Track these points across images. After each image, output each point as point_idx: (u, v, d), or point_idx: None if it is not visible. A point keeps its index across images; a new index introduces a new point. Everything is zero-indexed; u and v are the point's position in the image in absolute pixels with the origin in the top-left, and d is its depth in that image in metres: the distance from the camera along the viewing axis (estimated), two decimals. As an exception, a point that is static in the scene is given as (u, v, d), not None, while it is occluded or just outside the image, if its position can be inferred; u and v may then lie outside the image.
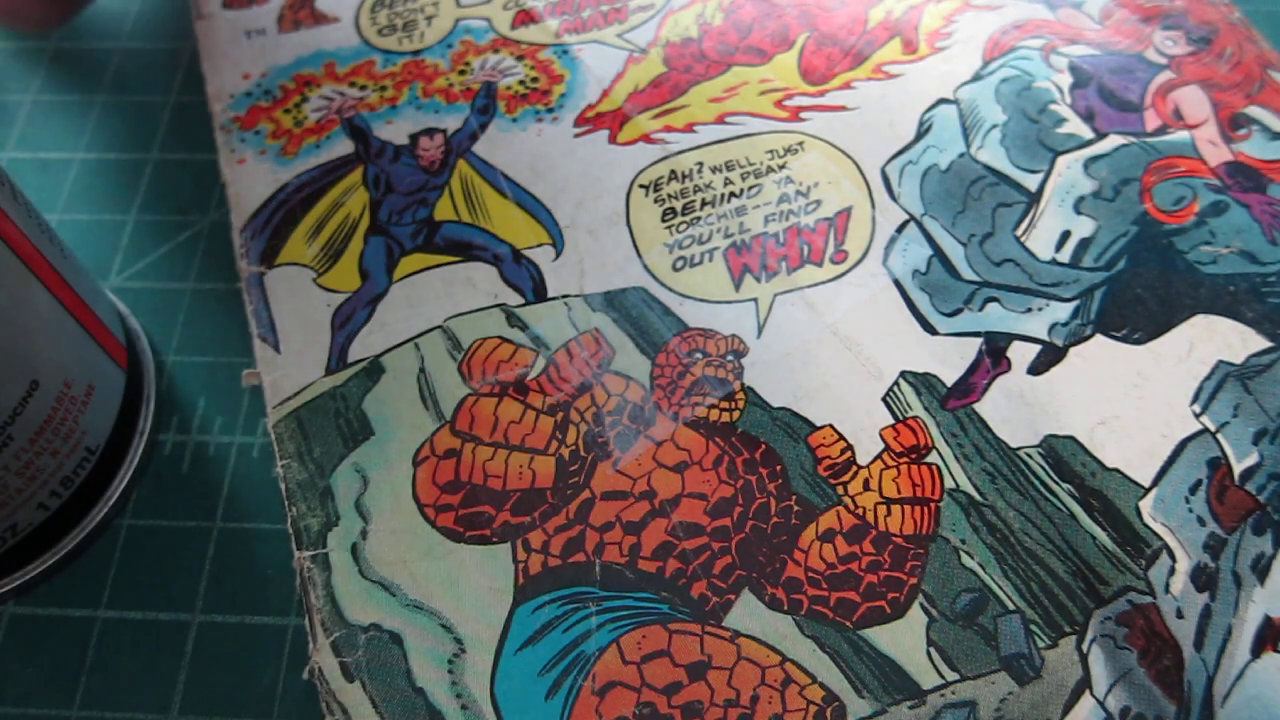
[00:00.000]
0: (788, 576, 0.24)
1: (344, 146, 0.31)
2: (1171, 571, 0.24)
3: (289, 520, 0.25)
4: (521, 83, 0.33)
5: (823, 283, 0.28)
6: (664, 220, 0.29)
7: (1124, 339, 0.27)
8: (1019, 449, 0.25)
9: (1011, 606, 0.23)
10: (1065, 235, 0.29)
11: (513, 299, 0.28)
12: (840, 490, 0.25)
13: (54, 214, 0.33)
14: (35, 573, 0.26)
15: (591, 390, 0.26)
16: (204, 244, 0.32)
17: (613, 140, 0.31)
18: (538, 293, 0.28)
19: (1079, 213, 0.29)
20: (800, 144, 0.31)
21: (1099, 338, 0.27)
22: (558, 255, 0.29)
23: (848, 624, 0.23)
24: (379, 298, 0.28)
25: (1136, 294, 0.28)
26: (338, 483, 0.25)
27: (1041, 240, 0.29)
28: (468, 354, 0.27)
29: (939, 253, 0.29)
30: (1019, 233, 0.29)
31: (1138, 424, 0.26)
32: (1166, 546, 0.24)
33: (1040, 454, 0.25)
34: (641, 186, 0.30)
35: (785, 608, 0.23)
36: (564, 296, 0.28)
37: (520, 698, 0.22)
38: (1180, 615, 0.23)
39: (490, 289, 0.28)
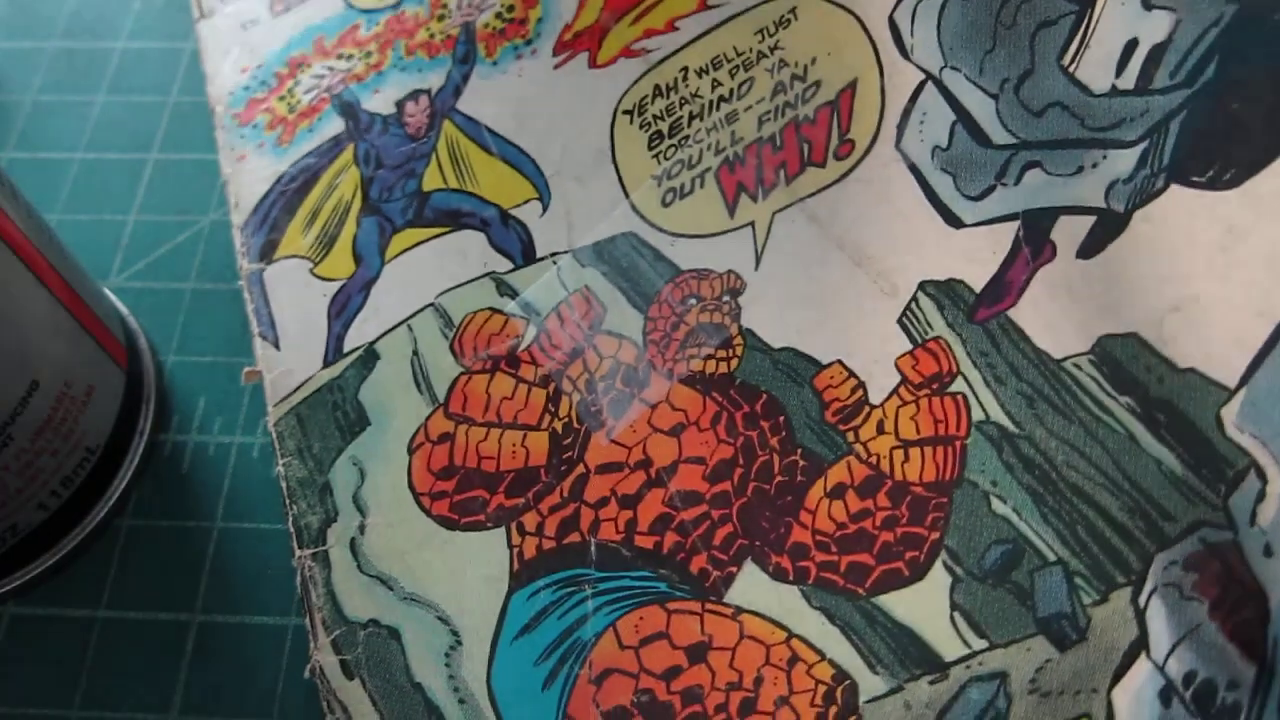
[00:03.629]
0: (794, 542, 0.21)
1: (334, 126, 0.30)
2: (1260, 496, 0.19)
3: (290, 519, 0.24)
4: (499, 15, 0.30)
5: (827, 187, 0.25)
6: (650, 148, 0.27)
7: (1210, 184, 0.21)
8: (1064, 360, 0.21)
9: (1052, 557, 0.20)
10: (1131, 47, 0.22)
11: (502, 265, 0.27)
12: (851, 437, 0.22)
13: (54, 214, 0.33)
14: (35, 573, 0.26)
15: (584, 355, 0.25)
16: (204, 244, 0.32)
17: (593, 63, 0.28)
18: (526, 255, 0.27)
19: (1149, 7, 0.22)
20: (793, 10, 0.27)
21: (1174, 189, 0.21)
22: (544, 210, 0.27)
23: (860, 591, 0.21)
24: (372, 281, 0.27)
25: (1231, 112, 0.21)
26: (336, 477, 0.25)
27: (1097, 65, 0.23)
28: (459, 331, 0.26)
29: (964, 116, 0.24)
30: (1066, 61, 0.23)
31: (1225, 302, 0.20)
32: (1255, 464, 0.19)
33: (1092, 363, 0.21)
34: (625, 113, 0.27)
35: (791, 577, 0.21)
36: (553, 255, 0.26)
37: (517, 689, 0.22)
38: (1268, 553, 0.18)
39: (480, 257, 0.27)
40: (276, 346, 0.27)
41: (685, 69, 0.27)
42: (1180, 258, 0.21)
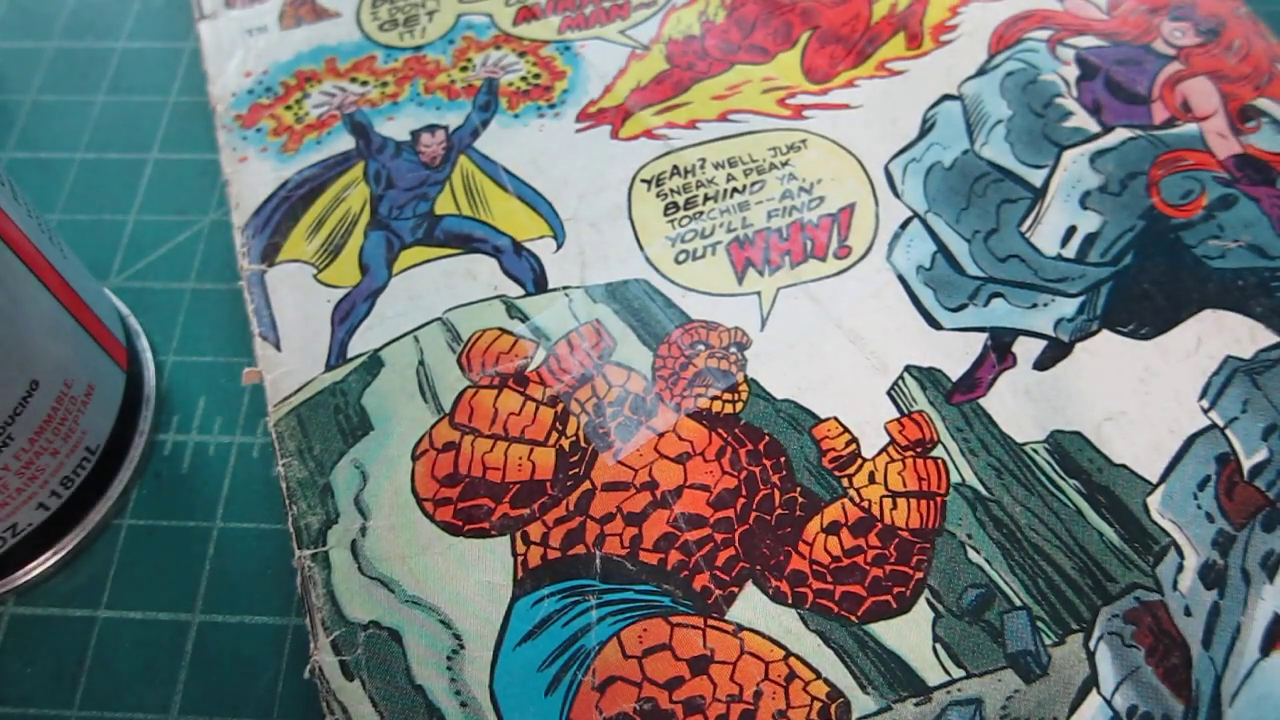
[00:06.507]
0: (792, 569, 0.23)
1: (345, 142, 0.31)
2: (1180, 569, 0.23)
3: (289, 519, 0.24)
4: (524, 79, 0.32)
5: (826, 277, 0.28)
6: (666, 214, 0.29)
7: (1131, 334, 0.27)
8: (1025, 444, 0.25)
9: (1018, 603, 0.23)
10: (1071, 230, 0.28)
11: (513, 290, 0.28)
12: (845, 483, 0.25)
13: (54, 214, 0.33)
14: (35, 573, 0.26)
15: (592, 381, 0.26)
16: (204, 244, 0.32)
17: (615, 136, 0.31)
18: (538, 284, 0.28)
19: (1085, 208, 0.29)
20: (803, 141, 0.31)
21: (1105, 333, 0.27)
22: (559, 247, 0.29)
23: (853, 618, 0.23)
24: (378, 291, 0.28)
25: (1143, 289, 0.27)
26: (337, 480, 0.25)
27: (1047, 236, 0.28)
28: (467, 345, 0.27)
29: (943, 249, 0.28)
30: (1024, 229, 0.29)
31: (1145, 419, 0.25)
32: (1174, 543, 0.23)
33: (1047, 449, 0.25)
34: (644, 181, 0.30)
35: (789, 601, 0.23)
36: (565, 288, 0.28)
37: (519, 694, 0.22)
38: (1188, 613, 0.23)
39: (490, 280, 0.28)
40: (277, 347, 0.27)
41: (703, 159, 0.30)
42: (1111, 382, 0.26)
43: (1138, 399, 0.26)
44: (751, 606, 0.23)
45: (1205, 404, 0.26)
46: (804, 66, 0.33)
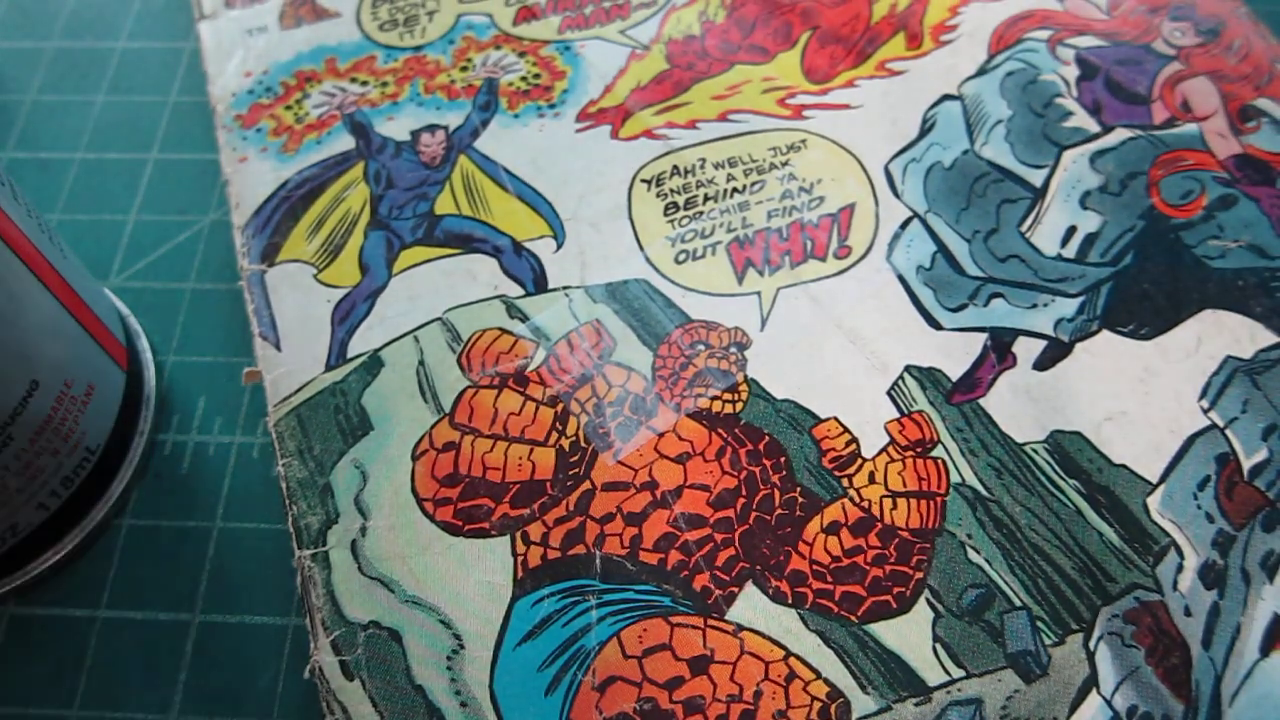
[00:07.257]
0: (792, 569, 0.23)
1: (345, 142, 0.31)
2: (1179, 569, 0.23)
3: (289, 519, 0.24)
4: (524, 79, 0.32)
5: (826, 277, 0.28)
6: (666, 214, 0.29)
7: (1131, 334, 0.27)
8: (1025, 444, 0.25)
9: (1018, 603, 0.23)
10: (1071, 230, 0.28)
11: (513, 290, 0.28)
12: (845, 483, 0.25)
13: (54, 214, 0.33)
14: (35, 573, 0.26)
15: (592, 381, 0.26)
16: (204, 244, 0.32)
17: (615, 135, 0.31)
18: (538, 284, 0.28)
19: (1085, 208, 0.29)
20: (803, 141, 0.31)
21: (1105, 333, 0.27)
22: (559, 247, 0.29)
23: (853, 619, 0.23)
24: (378, 291, 0.28)
25: (1143, 289, 0.27)
26: (337, 479, 0.25)
27: (1047, 236, 0.28)
28: (467, 345, 0.27)
29: (943, 249, 0.28)
30: (1024, 229, 0.29)
31: (1145, 420, 0.25)
32: (1174, 543, 0.23)
33: (1047, 449, 0.25)
34: (644, 181, 0.30)
35: (790, 601, 0.23)
36: (565, 288, 0.28)
37: (519, 694, 0.22)
38: (1188, 613, 0.23)
39: (490, 280, 0.28)
40: (278, 347, 0.27)
41: (703, 159, 0.30)
42: (1112, 382, 0.26)
43: (1138, 399, 0.26)
44: (751, 606, 0.23)
45: (1205, 404, 0.26)
46: (804, 66, 0.33)
